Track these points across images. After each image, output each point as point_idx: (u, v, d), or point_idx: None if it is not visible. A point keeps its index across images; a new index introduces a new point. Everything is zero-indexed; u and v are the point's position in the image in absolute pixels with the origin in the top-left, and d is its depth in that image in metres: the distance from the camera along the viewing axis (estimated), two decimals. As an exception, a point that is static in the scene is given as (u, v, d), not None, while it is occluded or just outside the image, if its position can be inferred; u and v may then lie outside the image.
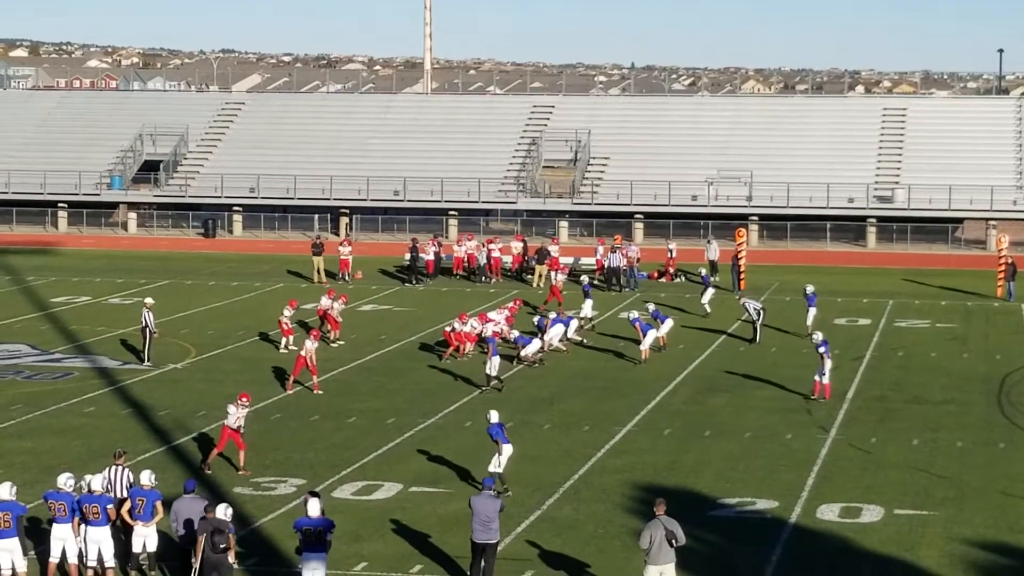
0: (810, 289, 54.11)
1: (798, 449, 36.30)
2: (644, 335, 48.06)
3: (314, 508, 24.96)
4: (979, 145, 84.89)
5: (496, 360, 43.19)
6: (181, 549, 26.00)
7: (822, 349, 42.22)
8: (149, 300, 49.10)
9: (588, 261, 69.61)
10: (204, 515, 25.04)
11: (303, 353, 43.17)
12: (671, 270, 69.08)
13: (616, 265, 65.49)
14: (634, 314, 49.98)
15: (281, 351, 49.19)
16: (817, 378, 42.06)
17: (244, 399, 34.73)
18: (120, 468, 27.63)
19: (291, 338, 49.54)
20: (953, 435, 37.78)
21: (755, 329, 51.81)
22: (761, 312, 52.03)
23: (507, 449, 32.19)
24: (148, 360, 46.99)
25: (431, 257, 68.60)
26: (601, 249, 68.66)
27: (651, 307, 51.29)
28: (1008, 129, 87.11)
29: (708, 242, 69.92)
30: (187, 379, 45.15)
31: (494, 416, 32.74)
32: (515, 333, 48.44)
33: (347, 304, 53.36)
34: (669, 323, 50.10)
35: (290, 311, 50.58)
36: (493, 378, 43.06)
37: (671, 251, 69.49)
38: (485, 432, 33.08)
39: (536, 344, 47.45)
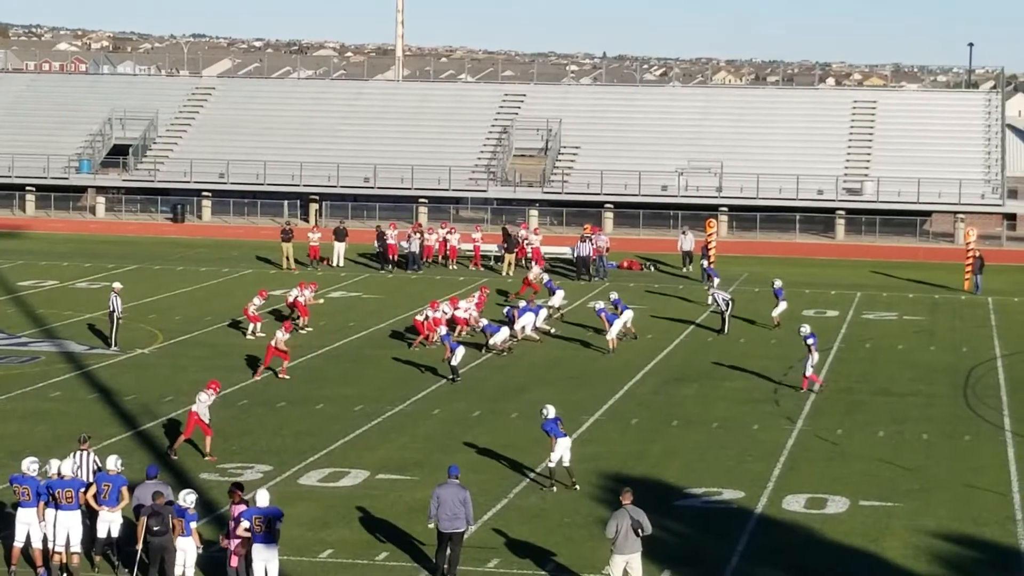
0: (778, 284, 54.10)
1: (765, 440, 36.38)
2: (610, 325, 48.11)
3: (263, 498, 24.90)
4: (948, 139, 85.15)
5: (460, 351, 42.73)
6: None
7: (810, 341, 42.02)
8: (117, 285, 48.90)
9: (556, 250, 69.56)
10: (153, 502, 25.05)
11: (273, 344, 43.03)
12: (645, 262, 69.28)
13: (585, 255, 65.48)
14: (599, 304, 49.97)
15: (248, 337, 49.09)
16: (806, 372, 41.88)
17: (213, 388, 34.58)
18: (85, 453, 27.53)
19: (258, 325, 49.45)
20: (919, 427, 37.92)
21: (723, 320, 51.90)
22: (730, 303, 52.12)
23: (563, 443, 31.53)
24: (115, 345, 46.82)
25: (432, 244, 68.75)
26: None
27: (614, 295, 51.25)
28: (977, 123, 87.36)
29: (683, 233, 69.84)
30: (154, 364, 45.01)
31: (551, 411, 32.01)
32: (483, 321, 48.47)
33: (316, 291, 53.25)
34: (629, 313, 50.01)
35: (260, 300, 50.46)
36: (453, 370, 42.74)
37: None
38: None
39: (504, 333, 47.42)
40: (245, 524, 24.75)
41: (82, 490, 26.02)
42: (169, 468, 32.12)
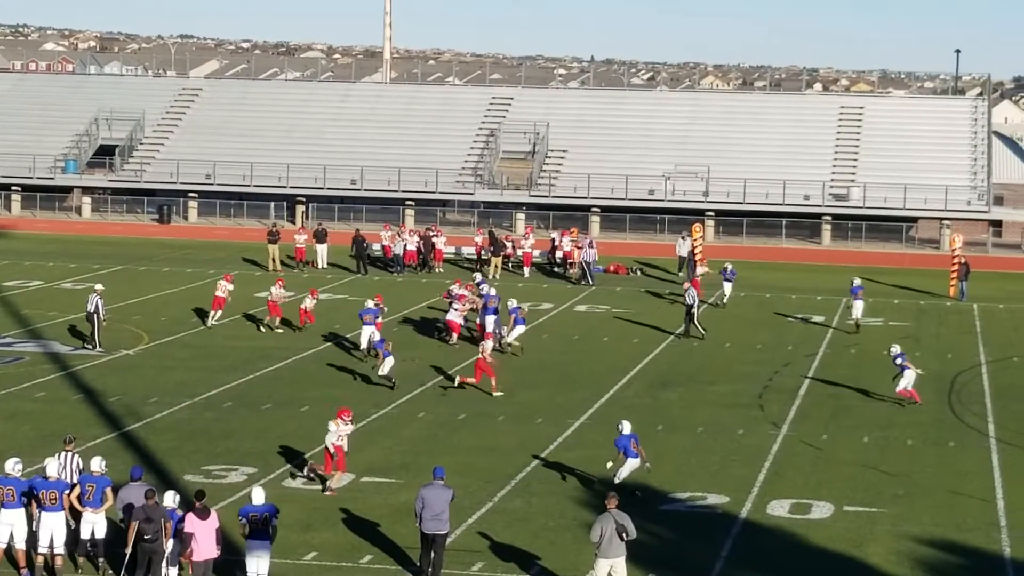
0: (857, 281, 54.84)
1: (750, 445, 36.41)
2: (514, 327, 47.75)
3: (258, 496, 24.98)
4: (934, 145, 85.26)
5: (389, 361, 42.27)
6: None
7: (899, 360, 41.52)
8: (99, 286, 48.86)
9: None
10: (145, 502, 25.01)
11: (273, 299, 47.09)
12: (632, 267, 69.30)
13: (590, 260, 65.54)
14: (512, 303, 49.26)
15: (261, 329, 50.64)
16: (902, 388, 41.18)
17: (346, 415, 32.24)
18: (70, 454, 27.47)
19: (277, 319, 50.93)
20: (904, 433, 37.96)
21: (687, 321, 51.61)
22: (698, 305, 51.74)
23: (631, 464, 31.21)
24: (100, 346, 46.72)
25: (413, 248, 68.64)
26: (567, 241, 69.07)
27: (512, 303, 49.33)
28: (963, 129, 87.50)
29: (682, 238, 69.52)
30: (139, 365, 44.93)
31: (626, 427, 31.59)
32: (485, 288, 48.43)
33: (284, 287, 52.99)
34: (520, 329, 48.47)
35: (278, 290, 51.68)
36: (384, 377, 42.35)
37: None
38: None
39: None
40: (244, 523, 24.82)
41: (66, 492, 25.97)
42: (153, 470, 32.06)
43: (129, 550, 24.94)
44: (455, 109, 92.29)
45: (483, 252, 69.52)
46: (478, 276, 56.10)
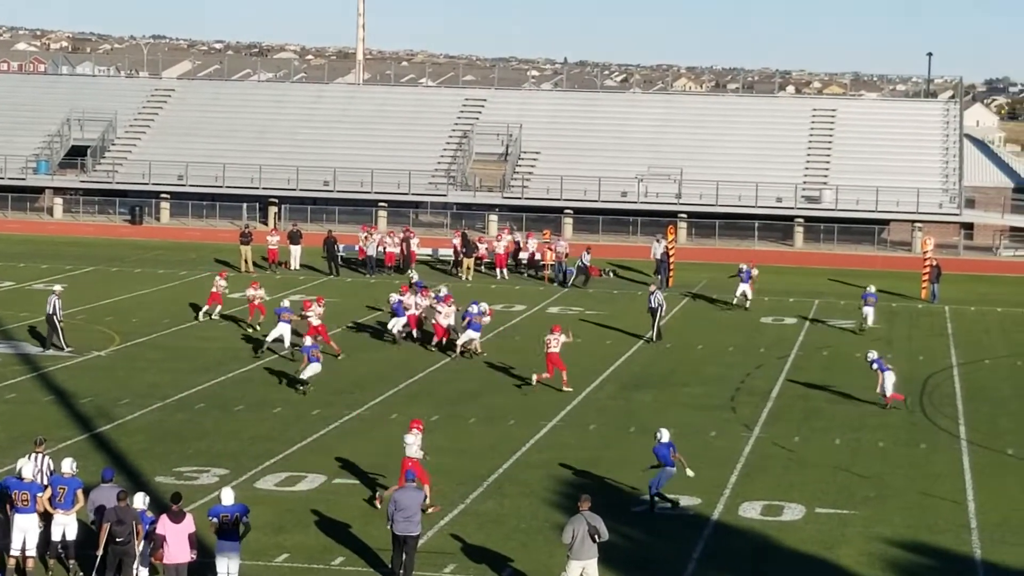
0: (871, 289, 55.94)
1: (721, 447, 36.45)
2: (467, 329, 47.60)
3: (228, 496, 24.93)
4: (907, 147, 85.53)
5: (313, 367, 41.68)
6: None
7: (875, 366, 41.55)
8: (58, 287, 48.84)
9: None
10: (117, 504, 24.93)
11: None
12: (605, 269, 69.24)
13: (584, 264, 65.52)
14: (474, 307, 48.48)
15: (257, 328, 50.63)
16: (890, 394, 41.23)
17: (418, 426, 30.96)
18: (40, 456, 27.36)
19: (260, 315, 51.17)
20: (875, 435, 38.05)
21: (654, 323, 51.56)
22: (661, 308, 51.62)
23: (669, 473, 30.60)
24: (67, 346, 46.48)
25: (394, 249, 68.54)
26: (533, 243, 69.10)
27: (473, 307, 48.54)
28: (935, 132, 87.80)
29: (657, 240, 69.42)
30: (111, 367, 44.79)
31: (664, 435, 30.88)
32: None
33: (258, 289, 52.85)
34: (472, 334, 47.65)
35: (253, 291, 51.94)
36: (299, 381, 42.03)
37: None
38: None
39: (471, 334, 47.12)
40: (214, 522, 24.79)
41: (40, 493, 25.85)
42: (125, 471, 31.95)
43: (100, 552, 24.86)
44: (428, 110, 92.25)
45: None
46: (443, 289, 55.05)
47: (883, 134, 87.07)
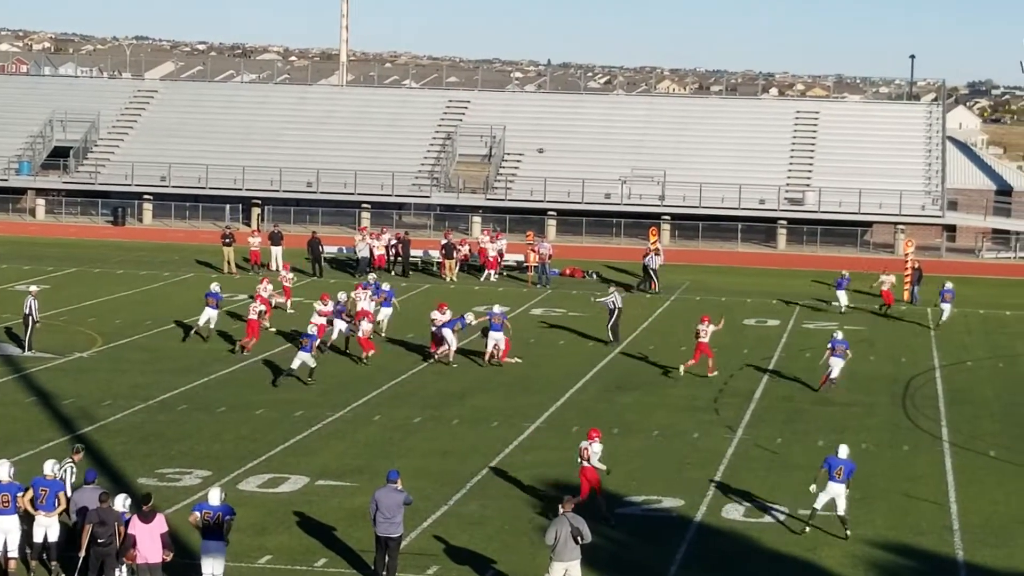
0: (948, 285, 57.29)
1: (705, 448, 36.47)
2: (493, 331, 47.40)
3: (214, 496, 24.90)
4: (889, 150, 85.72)
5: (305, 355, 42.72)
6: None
7: (831, 345, 43.56)
8: (34, 288, 48.75)
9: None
10: (99, 505, 24.87)
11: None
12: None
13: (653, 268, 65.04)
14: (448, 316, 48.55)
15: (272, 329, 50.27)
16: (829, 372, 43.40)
17: (595, 435, 30.55)
18: (71, 463, 27.25)
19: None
20: (858, 437, 38.06)
21: (611, 326, 51.36)
22: (616, 312, 51.56)
23: (833, 489, 29.56)
24: (29, 349, 46.28)
25: (381, 252, 68.45)
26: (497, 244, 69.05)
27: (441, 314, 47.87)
28: (918, 135, 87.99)
29: (656, 253, 67.83)
30: (93, 368, 44.68)
31: (843, 451, 29.97)
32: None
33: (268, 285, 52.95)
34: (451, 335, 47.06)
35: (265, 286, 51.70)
36: (285, 372, 42.80)
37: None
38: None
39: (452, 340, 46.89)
40: (196, 515, 24.75)
41: (19, 494, 25.78)
42: (107, 473, 31.87)
43: (83, 553, 24.81)
44: (412, 112, 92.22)
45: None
46: (371, 276, 55.96)
47: (866, 136, 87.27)
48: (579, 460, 30.36)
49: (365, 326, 46.73)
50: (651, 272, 64.84)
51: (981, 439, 38.45)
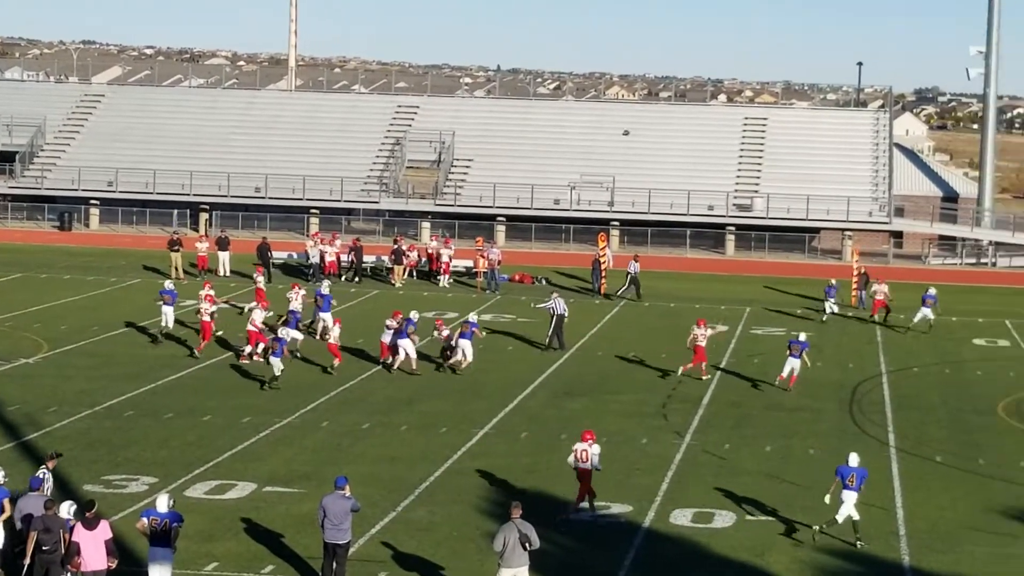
0: (932, 292, 58.10)
1: (653, 454, 36.52)
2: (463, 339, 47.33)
3: (162, 502, 24.77)
4: (837, 156, 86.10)
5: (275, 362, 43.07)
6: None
7: (793, 345, 44.91)
8: None
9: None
10: (44, 512, 24.69)
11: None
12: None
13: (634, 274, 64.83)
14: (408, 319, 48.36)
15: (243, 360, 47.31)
16: (785, 373, 44.72)
17: (590, 436, 31.12)
18: (46, 471, 27.07)
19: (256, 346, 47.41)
20: (806, 442, 38.23)
21: (551, 332, 51.23)
22: (554, 318, 51.30)
23: (849, 498, 29.45)
24: None
25: (332, 258, 68.13)
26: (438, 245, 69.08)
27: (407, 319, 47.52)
28: (865, 141, 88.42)
29: (634, 259, 67.31)
30: (38, 374, 44.36)
31: (854, 459, 29.82)
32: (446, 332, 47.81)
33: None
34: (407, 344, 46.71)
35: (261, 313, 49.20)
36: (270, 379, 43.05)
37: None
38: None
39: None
40: (144, 522, 24.61)
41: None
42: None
43: (28, 561, 24.61)
44: (360, 117, 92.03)
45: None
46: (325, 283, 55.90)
47: (814, 143, 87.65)
48: (575, 463, 30.48)
49: (336, 332, 46.57)
50: (633, 279, 64.69)
51: (927, 445, 38.65)
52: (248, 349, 47.21)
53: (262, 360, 45.60)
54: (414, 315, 47.71)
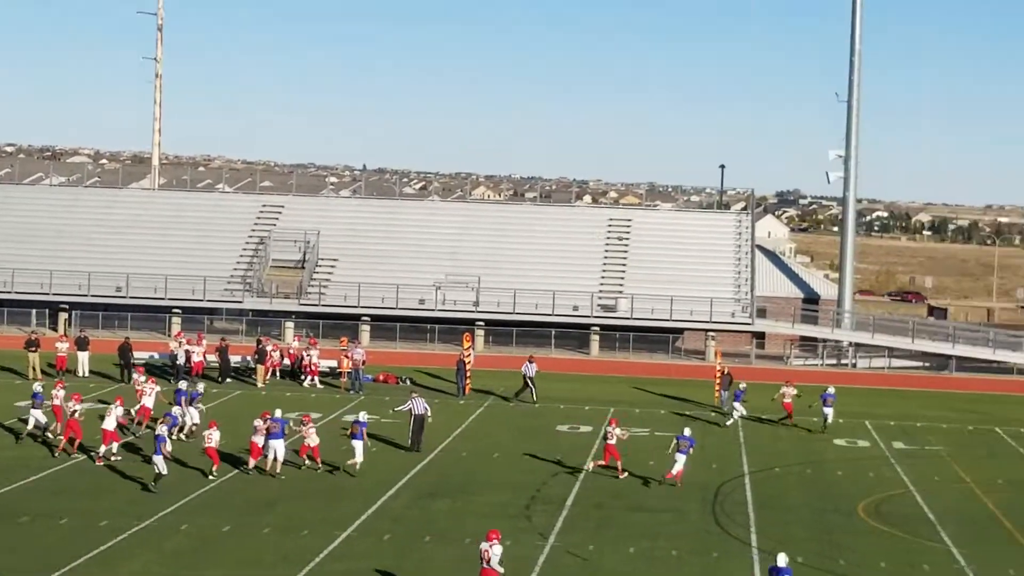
0: (831, 390, 59.67)
1: (517, 556, 36.28)
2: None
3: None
4: (700, 257, 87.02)
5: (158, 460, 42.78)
6: None
7: (679, 441, 46.16)
8: None
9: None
10: None
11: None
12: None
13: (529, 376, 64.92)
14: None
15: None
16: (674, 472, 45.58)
17: (495, 536, 31.62)
18: None
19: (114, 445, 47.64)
20: (669, 543, 38.24)
21: (411, 433, 51.27)
22: (420, 419, 51.42)
23: None
24: None
25: (199, 358, 67.20)
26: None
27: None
28: (728, 243, 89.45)
29: (530, 361, 67.47)
30: None
31: (782, 559, 30.05)
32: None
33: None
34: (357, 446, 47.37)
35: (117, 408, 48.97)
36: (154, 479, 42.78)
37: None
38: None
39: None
40: None
41: None
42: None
43: None
44: (225, 216, 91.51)
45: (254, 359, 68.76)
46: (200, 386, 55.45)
47: (677, 244, 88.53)
48: (481, 562, 30.48)
49: (215, 436, 45.68)
50: (529, 381, 64.53)
51: (789, 545, 38.76)
52: (103, 449, 46.62)
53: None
54: (278, 413, 47.16)
